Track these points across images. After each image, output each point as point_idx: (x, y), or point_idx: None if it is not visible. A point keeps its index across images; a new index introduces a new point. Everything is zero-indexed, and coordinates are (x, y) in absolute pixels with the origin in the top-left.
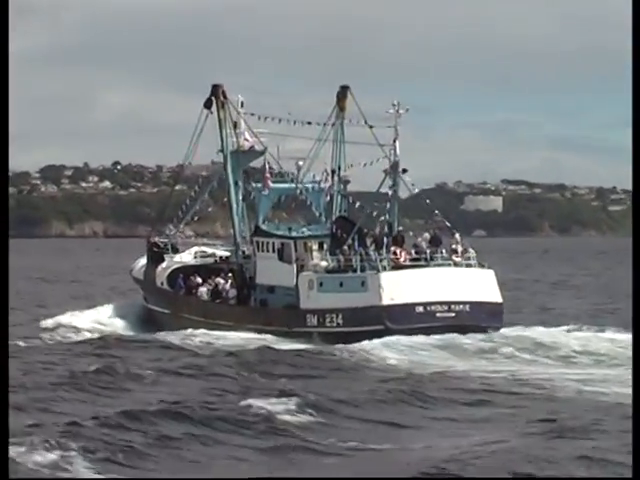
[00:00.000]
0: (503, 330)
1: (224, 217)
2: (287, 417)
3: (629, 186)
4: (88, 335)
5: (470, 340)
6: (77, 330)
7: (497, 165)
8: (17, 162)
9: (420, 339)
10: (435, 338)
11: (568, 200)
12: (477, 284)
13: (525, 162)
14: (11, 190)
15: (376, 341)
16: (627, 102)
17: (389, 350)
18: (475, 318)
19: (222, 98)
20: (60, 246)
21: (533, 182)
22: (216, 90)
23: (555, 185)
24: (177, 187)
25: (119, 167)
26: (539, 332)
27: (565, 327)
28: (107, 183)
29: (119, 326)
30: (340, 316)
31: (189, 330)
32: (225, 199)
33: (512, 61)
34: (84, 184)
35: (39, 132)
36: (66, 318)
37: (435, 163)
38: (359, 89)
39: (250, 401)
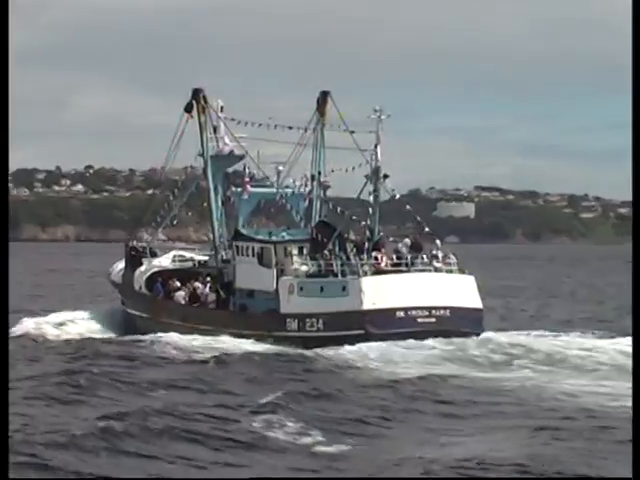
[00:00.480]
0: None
1: (196, 222)
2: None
3: (600, 193)
4: (63, 338)
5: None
6: (52, 333)
7: (470, 171)
8: None
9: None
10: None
11: (540, 207)
12: (458, 290)
13: (498, 169)
14: None
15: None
16: (600, 108)
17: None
18: (456, 323)
19: (203, 102)
20: (33, 250)
21: (506, 189)
22: (197, 94)
23: (527, 192)
24: (150, 191)
25: (92, 171)
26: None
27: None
28: (80, 187)
29: (96, 329)
30: (321, 321)
31: (168, 334)
32: (200, 204)
33: (484, 66)
34: (57, 188)
35: (10, 135)
36: (43, 320)
37: (408, 169)
38: (336, 92)
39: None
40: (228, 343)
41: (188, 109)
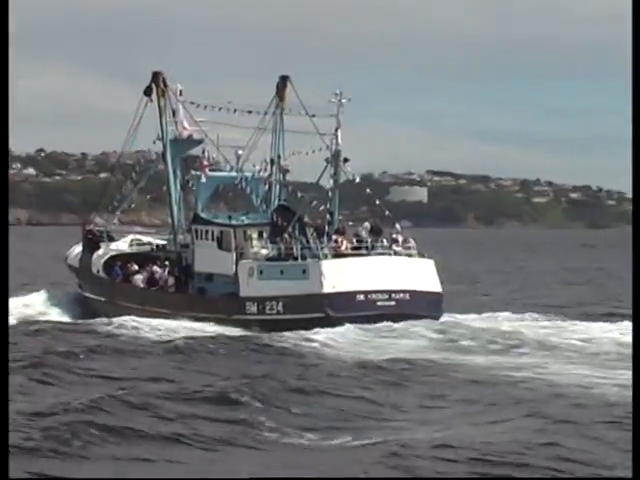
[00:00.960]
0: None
1: (149, 206)
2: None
3: (552, 178)
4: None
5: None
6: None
7: (422, 156)
8: None
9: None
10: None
11: (492, 191)
12: (417, 273)
13: (450, 153)
14: None
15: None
16: (551, 93)
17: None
18: (415, 307)
19: (162, 85)
20: None
21: (458, 173)
22: (156, 77)
23: (480, 176)
24: (102, 175)
25: (43, 154)
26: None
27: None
28: (31, 170)
29: (53, 313)
30: (280, 304)
31: (125, 317)
32: (154, 188)
33: (436, 51)
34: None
35: None
36: None
37: (360, 153)
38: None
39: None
40: (187, 327)
41: (147, 92)
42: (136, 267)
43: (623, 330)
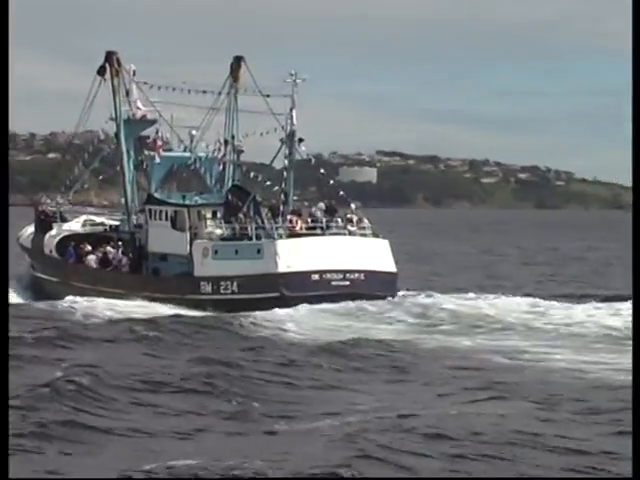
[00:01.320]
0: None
1: (98, 187)
2: None
3: (501, 158)
4: None
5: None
6: None
7: (372, 137)
8: None
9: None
10: None
11: (442, 172)
12: (372, 253)
13: (399, 134)
14: None
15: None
16: (502, 74)
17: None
18: (370, 287)
19: (116, 65)
20: None
21: (407, 154)
22: (110, 57)
23: (428, 157)
24: (51, 155)
25: None
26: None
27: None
28: None
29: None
30: (235, 283)
31: (77, 298)
32: (102, 168)
33: (385, 31)
34: None
35: None
36: None
37: (310, 134)
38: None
39: None
40: (142, 307)
41: (101, 72)
42: (89, 247)
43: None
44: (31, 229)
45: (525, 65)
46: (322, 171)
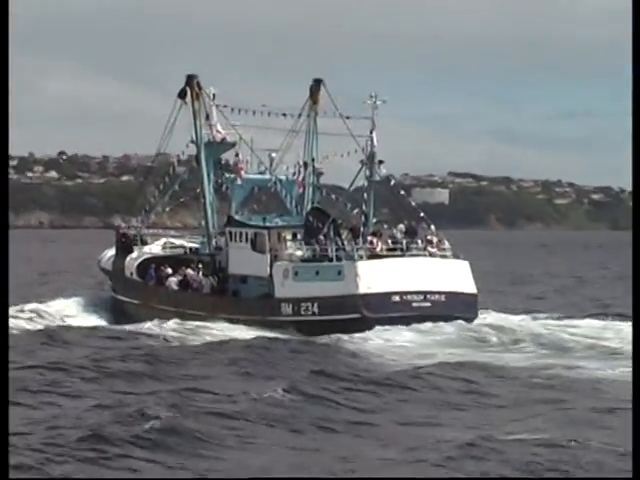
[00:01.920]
0: None
1: (171, 209)
2: None
3: (574, 179)
4: (51, 325)
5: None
6: (41, 318)
7: (444, 158)
8: None
9: None
10: None
11: (514, 193)
12: (452, 275)
13: (471, 155)
14: None
15: None
16: (570, 93)
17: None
18: (450, 308)
19: (197, 89)
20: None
21: (479, 175)
22: (191, 81)
23: (501, 178)
24: (124, 178)
25: (65, 157)
26: None
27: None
28: (53, 173)
29: (86, 316)
30: (316, 305)
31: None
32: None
33: (458, 52)
34: (30, 174)
35: None
36: (31, 307)
37: (382, 155)
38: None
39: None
40: (224, 330)
41: (182, 95)
42: (170, 270)
43: None
44: (111, 252)
45: (592, 84)
46: (402, 192)
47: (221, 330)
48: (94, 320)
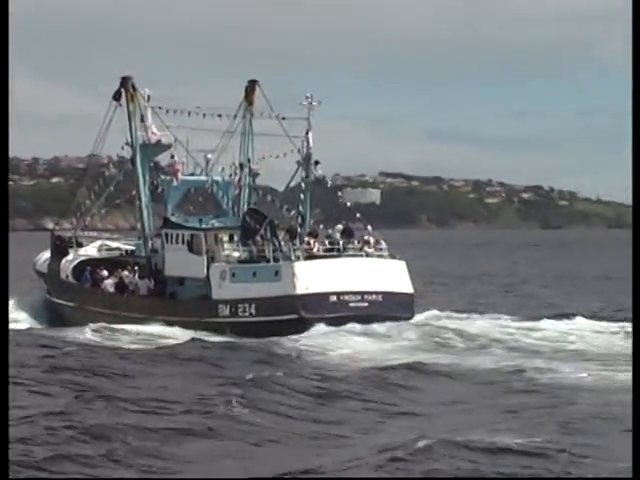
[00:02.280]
0: None
1: (104, 211)
2: None
3: (504, 178)
4: None
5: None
6: None
7: (374, 158)
8: None
9: None
10: None
11: (445, 192)
12: (389, 275)
13: (402, 155)
14: None
15: None
16: (503, 94)
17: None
18: (387, 308)
19: (132, 90)
20: None
21: (410, 175)
22: (125, 82)
23: (432, 178)
24: (54, 180)
25: None
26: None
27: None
28: None
29: (21, 319)
30: (253, 306)
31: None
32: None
33: (389, 52)
34: None
35: None
36: None
37: (316, 156)
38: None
39: None
40: (161, 331)
41: (116, 97)
42: (106, 272)
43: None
44: (47, 255)
45: (525, 85)
46: (339, 193)
47: (157, 332)
48: (28, 323)
